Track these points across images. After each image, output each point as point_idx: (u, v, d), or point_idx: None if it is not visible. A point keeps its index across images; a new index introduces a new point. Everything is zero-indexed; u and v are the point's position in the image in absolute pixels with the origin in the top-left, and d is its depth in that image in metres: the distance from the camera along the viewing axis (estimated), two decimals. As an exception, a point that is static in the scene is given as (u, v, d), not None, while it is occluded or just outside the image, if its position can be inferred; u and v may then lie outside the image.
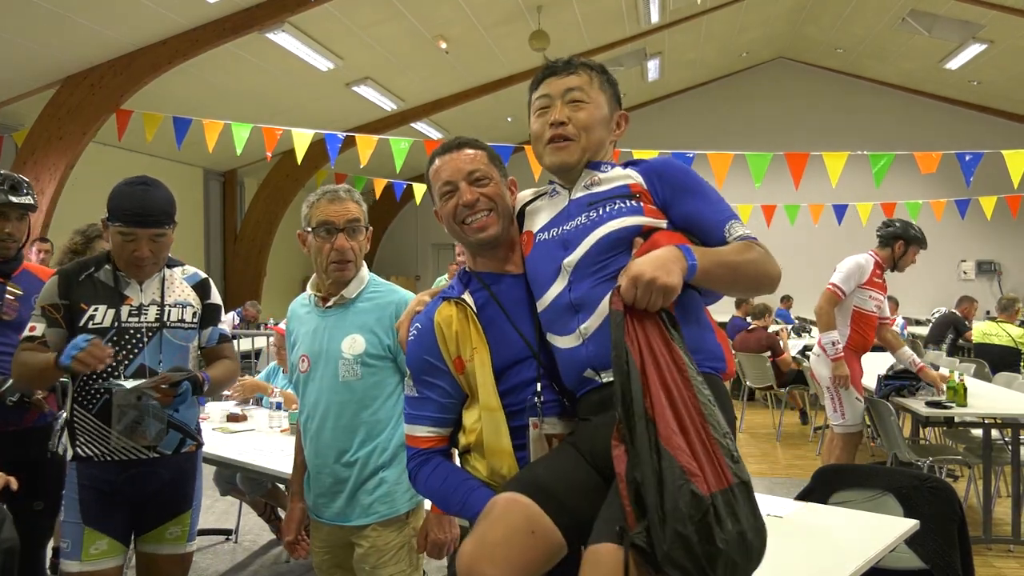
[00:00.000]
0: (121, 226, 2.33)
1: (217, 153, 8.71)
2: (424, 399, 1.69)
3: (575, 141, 1.65)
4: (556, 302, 1.61)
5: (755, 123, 15.51)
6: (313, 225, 2.31)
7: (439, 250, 18.10)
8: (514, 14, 9.65)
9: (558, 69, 1.69)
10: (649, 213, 1.59)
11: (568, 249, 1.61)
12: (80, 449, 2.36)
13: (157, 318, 2.42)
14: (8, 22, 6.92)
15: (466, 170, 1.69)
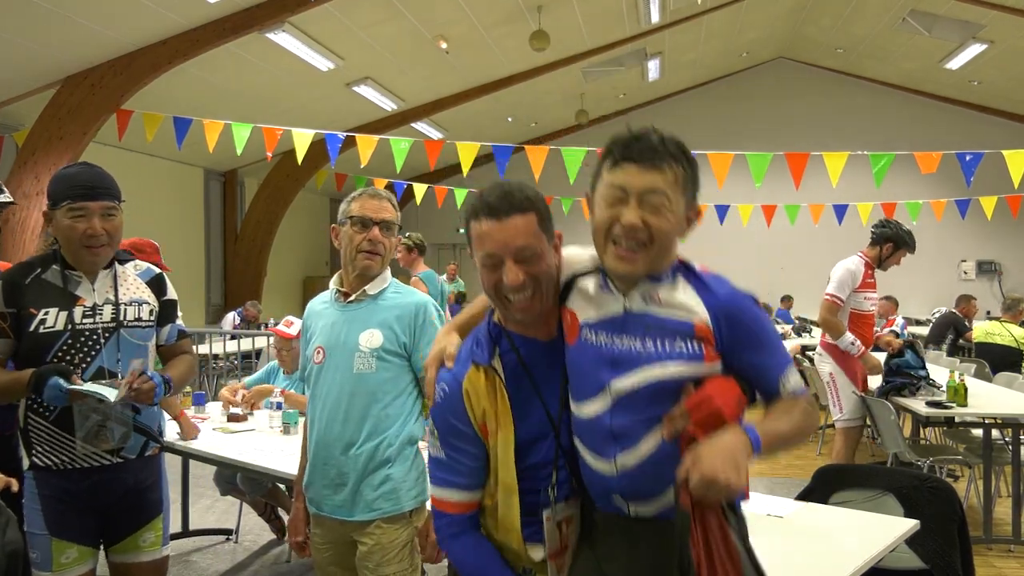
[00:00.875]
0: (70, 203, 2.24)
1: (217, 153, 8.71)
2: (453, 462, 1.62)
3: (646, 250, 1.46)
4: (595, 422, 1.53)
5: (755, 123, 15.51)
6: (351, 215, 2.36)
7: (439, 250, 18.10)
8: (514, 14, 9.65)
9: (643, 156, 1.46)
10: (709, 359, 1.48)
11: (616, 370, 1.50)
12: (38, 459, 2.27)
13: (113, 318, 2.33)
14: (8, 22, 6.92)
15: (514, 246, 1.53)
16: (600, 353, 1.53)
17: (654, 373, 1.47)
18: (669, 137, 1.51)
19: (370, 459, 2.30)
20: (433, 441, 1.64)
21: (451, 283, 13.11)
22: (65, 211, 2.26)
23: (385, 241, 2.36)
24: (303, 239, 15.98)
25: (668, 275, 1.54)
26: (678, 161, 1.47)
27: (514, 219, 1.54)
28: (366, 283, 2.38)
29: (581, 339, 1.57)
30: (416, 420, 2.38)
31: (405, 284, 2.50)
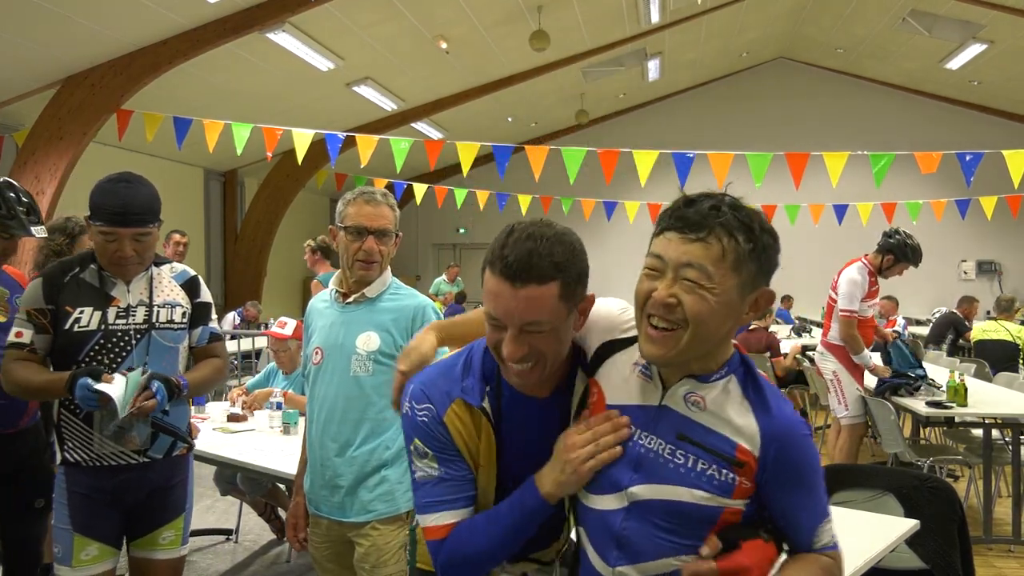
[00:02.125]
0: (102, 225, 2.26)
1: (217, 153, 8.71)
2: (453, 480, 1.45)
3: (678, 334, 1.28)
4: (603, 518, 1.38)
5: (755, 123, 15.51)
6: (346, 224, 2.33)
7: (439, 250, 18.11)
8: (514, 14, 9.64)
9: (687, 223, 1.27)
10: (739, 494, 1.31)
11: (637, 474, 1.35)
12: (68, 454, 2.32)
13: (145, 319, 2.36)
14: (9, 22, 6.92)
15: (522, 320, 1.33)
16: (624, 447, 1.37)
17: (678, 493, 1.31)
18: (732, 203, 1.28)
19: (366, 461, 2.30)
20: (426, 463, 1.46)
21: (451, 284, 13.12)
22: (98, 230, 2.29)
23: (381, 249, 2.34)
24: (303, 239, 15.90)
25: (721, 375, 1.35)
26: (733, 233, 1.25)
27: (530, 289, 1.32)
28: (365, 286, 2.38)
29: None
30: None
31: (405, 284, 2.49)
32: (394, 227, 2.38)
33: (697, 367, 1.34)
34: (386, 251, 2.35)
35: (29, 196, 2.84)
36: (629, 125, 16.30)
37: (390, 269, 2.45)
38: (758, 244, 1.27)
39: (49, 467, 3.07)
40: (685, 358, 1.31)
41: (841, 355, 5.10)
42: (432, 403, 1.45)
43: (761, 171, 7.67)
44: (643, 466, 1.35)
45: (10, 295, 2.89)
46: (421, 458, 1.46)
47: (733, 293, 1.26)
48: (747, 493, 1.31)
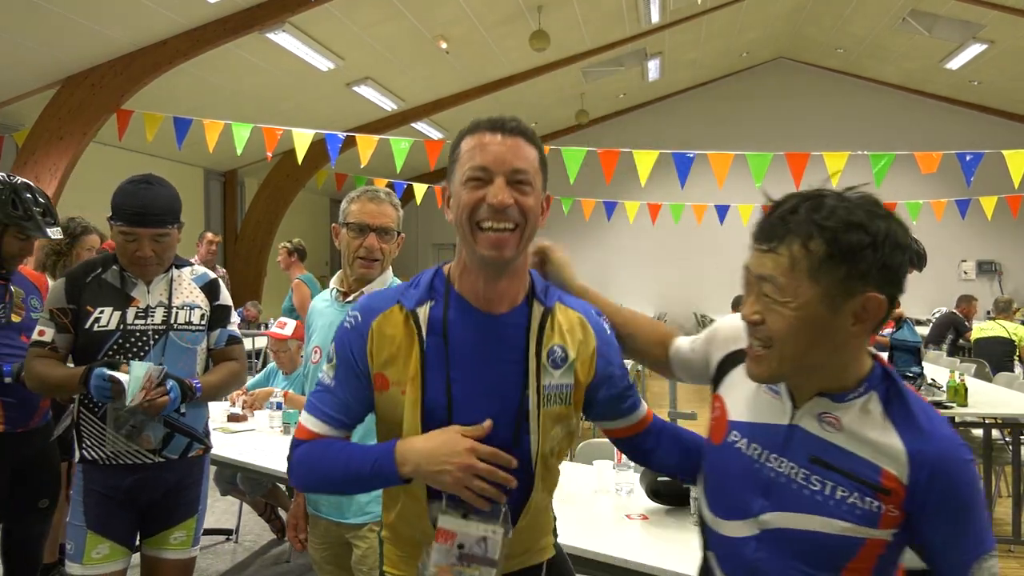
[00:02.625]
0: (123, 226, 2.31)
1: (217, 153, 8.71)
2: (338, 397, 1.42)
3: (771, 352, 1.21)
4: (735, 545, 1.30)
5: (755, 123, 15.51)
6: (348, 221, 2.34)
7: (439, 250, 18.11)
8: (514, 14, 9.65)
9: (761, 233, 1.21)
10: (885, 524, 1.18)
11: (768, 500, 1.25)
12: (87, 452, 2.35)
13: (164, 320, 2.39)
14: (9, 22, 6.92)
15: (511, 165, 1.34)
16: (750, 470, 1.28)
17: (814, 523, 1.20)
18: (815, 204, 1.17)
19: None
20: (327, 369, 1.45)
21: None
22: (118, 230, 2.33)
23: (383, 247, 2.33)
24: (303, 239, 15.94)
25: (859, 393, 1.22)
26: (805, 238, 1.15)
27: (517, 139, 1.36)
28: (365, 284, 2.37)
29: (728, 441, 1.32)
30: None
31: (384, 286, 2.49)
32: (396, 226, 2.38)
33: (828, 384, 1.23)
34: (387, 249, 2.34)
35: (46, 197, 2.85)
36: (629, 125, 16.30)
37: (391, 269, 2.44)
38: (839, 245, 1.13)
39: (57, 468, 3.09)
40: (784, 376, 1.23)
41: None
42: (363, 313, 1.43)
43: (761, 171, 7.66)
44: (773, 492, 1.24)
45: (25, 295, 2.90)
46: (327, 362, 1.45)
47: (815, 305, 1.15)
48: (895, 522, 1.18)
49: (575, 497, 2.77)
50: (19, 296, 2.88)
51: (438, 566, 1.34)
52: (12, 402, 2.76)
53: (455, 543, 1.34)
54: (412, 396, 1.38)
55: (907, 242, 1.20)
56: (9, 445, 2.79)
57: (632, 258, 16.76)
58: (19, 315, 2.84)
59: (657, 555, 2.21)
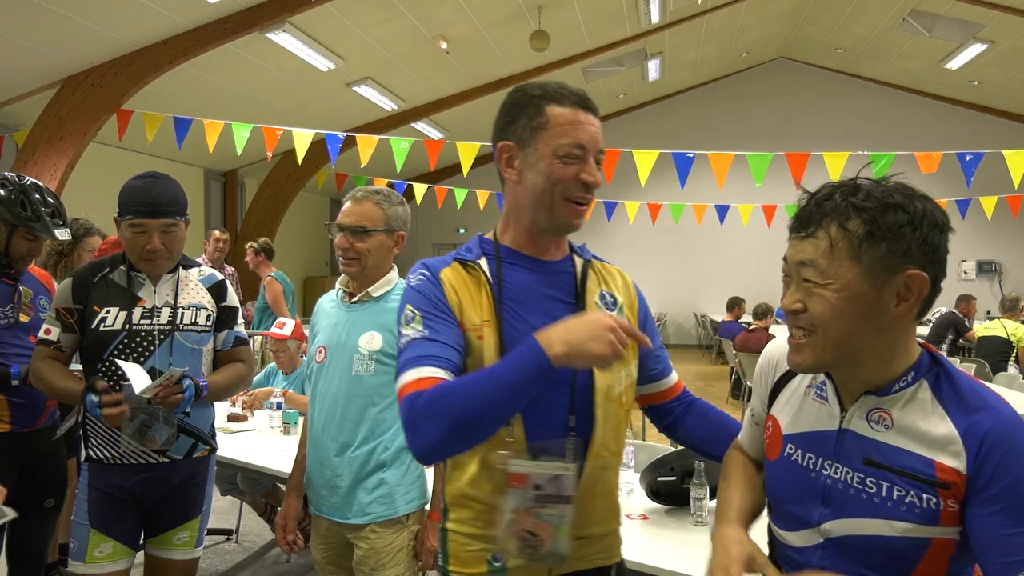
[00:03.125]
0: (132, 218, 2.32)
1: (218, 153, 8.72)
2: (442, 339, 1.36)
3: (813, 339, 1.19)
4: (803, 554, 1.28)
5: (755, 123, 15.52)
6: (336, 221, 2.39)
7: (439, 250, 18.10)
8: (514, 14, 9.65)
9: (799, 222, 1.21)
10: (947, 521, 1.13)
11: (828, 509, 1.23)
12: (92, 451, 2.36)
13: (169, 320, 2.39)
14: (9, 22, 6.92)
15: (599, 146, 1.44)
16: (807, 479, 1.26)
17: (876, 527, 1.17)
18: (851, 188, 1.19)
19: (365, 462, 2.30)
20: (413, 327, 1.39)
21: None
22: (127, 225, 2.34)
23: (357, 246, 2.31)
24: (304, 239, 15.98)
25: (905, 383, 1.20)
26: (843, 219, 1.15)
27: (596, 119, 1.45)
28: (368, 285, 2.37)
29: (784, 455, 1.31)
30: None
31: None
32: (378, 225, 2.34)
33: (875, 377, 1.20)
34: (363, 248, 2.31)
35: (55, 198, 2.86)
36: (629, 125, 16.31)
37: (396, 269, 2.44)
38: (878, 224, 1.13)
39: (64, 468, 3.09)
40: (827, 365, 1.22)
41: None
42: (428, 268, 1.47)
43: (761, 171, 7.67)
44: (832, 499, 1.22)
45: (34, 295, 2.91)
46: (408, 323, 1.40)
47: (858, 284, 1.14)
48: (954, 520, 1.14)
49: (575, 497, 2.76)
50: (28, 296, 2.88)
51: (516, 511, 1.35)
52: (20, 402, 2.76)
53: (530, 484, 1.35)
54: (491, 339, 1.40)
55: (945, 222, 1.23)
56: (16, 445, 2.80)
57: (632, 258, 16.74)
58: (28, 315, 2.85)
59: (657, 555, 2.21)
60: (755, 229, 12.28)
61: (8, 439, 2.76)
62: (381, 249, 2.36)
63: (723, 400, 9.45)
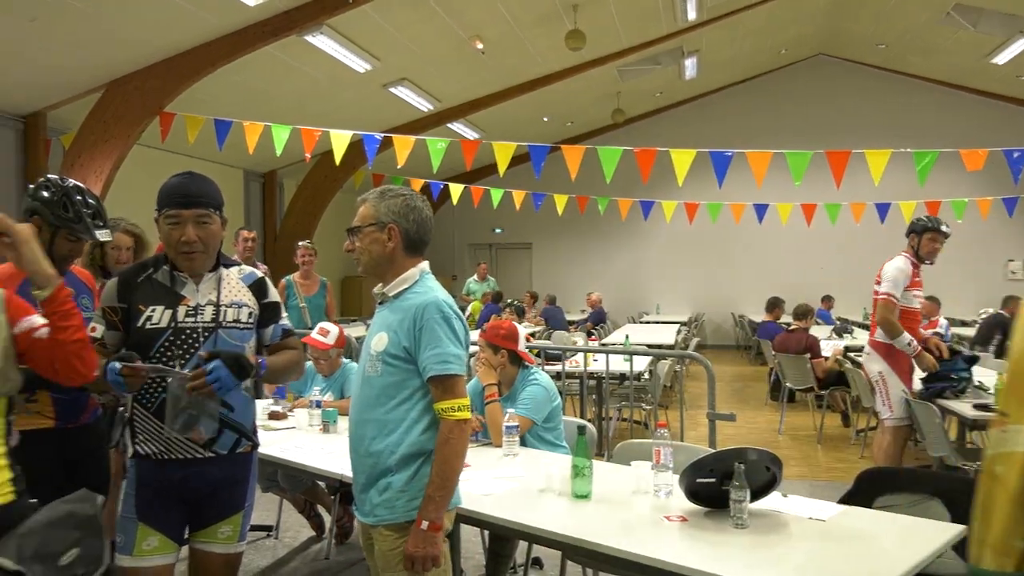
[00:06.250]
0: (167, 210, 2.37)
1: (257, 154, 8.83)
2: None
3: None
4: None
5: (795, 121, 15.33)
6: None
7: (475, 250, 18.15)
8: (550, 13, 9.63)
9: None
10: None
11: None
12: (139, 447, 2.41)
13: (213, 318, 2.43)
14: (55, 28, 7.08)
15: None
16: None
17: None
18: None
19: (375, 463, 2.33)
20: None
21: (481, 282, 13.14)
22: (164, 218, 2.39)
23: (355, 245, 2.48)
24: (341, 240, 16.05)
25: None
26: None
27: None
28: (386, 284, 2.42)
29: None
30: (426, 430, 2.30)
31: (434, 281, 2.48)
32: (371, 220, 2.45)
33: None
34: (359, 247, 2.46)
35: (96, 199, 2.91)
36: (666, 124, 16.20)
37: (417, 268, 2.44)
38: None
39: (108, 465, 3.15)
40: None
41: (888, 354, 5.06)
42: None
43: (800, 169, 7.57)
44: None
45: (76, 295, 2.96)
46: None
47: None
48: None
49: (613, 498, 2.75)
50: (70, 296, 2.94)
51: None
52: (63, 399, 2.82)
53: None
54: None
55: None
56: (60, 441, 2.85)
57: (669, 258, 16.65)
58: None
59: (697, 557, 2.19)
60: (794, 228, 12.13)
61: (52, 435, 2.82)
62: (376, 244, 2.43)
63: (762, 402, 9.34)
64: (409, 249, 2.43)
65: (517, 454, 3.38)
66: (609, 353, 6.29)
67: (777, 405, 8.44)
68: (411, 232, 2.42)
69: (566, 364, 6.58)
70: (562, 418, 3.75)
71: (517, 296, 14.84)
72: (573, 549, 2.45)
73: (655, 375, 6.97)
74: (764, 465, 2.54)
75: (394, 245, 2.41)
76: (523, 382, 3.70)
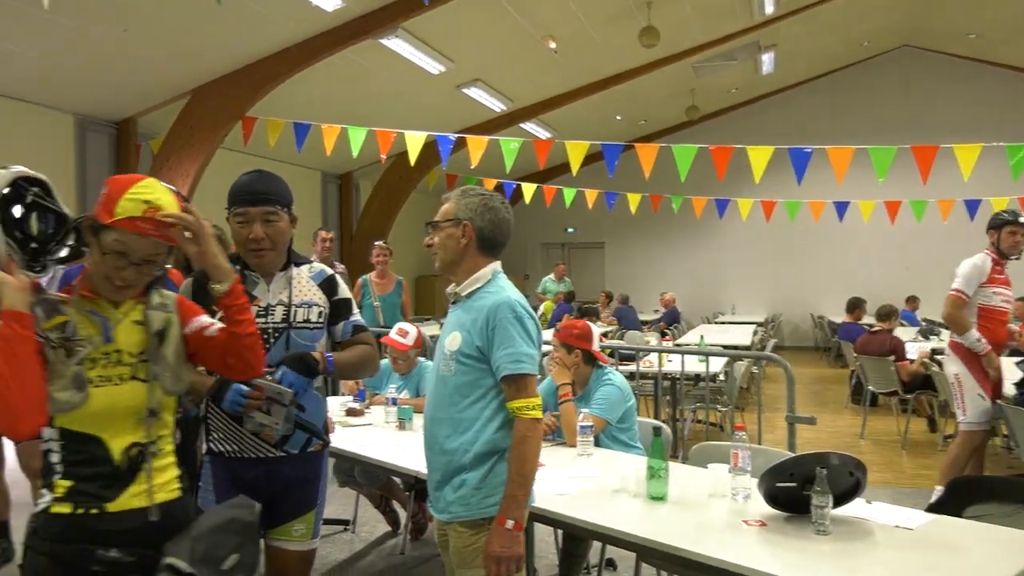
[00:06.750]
0: (235, 208, 2.41)
1: (334, 156, 9.01)
2: None
3: None
4: None
5: (878, 115, 14.85)
6: None
7: (547, 249, 18.15)
8: (623, 11, 9.56)
9: None
10: None
11: None
12: (213, 445, 2.47)
13: (284, 319, 2.46)
14: (144, 38, 7.38)
15: None
16: None
17: None
18: None
19: (449, 461, 2.34)
20: None
21: (558, 282, 13.12)
22: (232, 216, 2.44)
23: (432, 240, 2.47)
24: (416, 239, 16.33)
25: None
26: None
27: None
28: (459, 283, 2.42)
29: None
30: (499, 429, 2.30)
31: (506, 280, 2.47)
32: (447, 216, 2.44)
33: None
34: (436, 242, 2.45)
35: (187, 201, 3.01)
36: (741, 120, 15.88)
37: (489, 268, 2.43)
38: None
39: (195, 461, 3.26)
40: None
41: (966, 356, 4.87)
42: None
43: (884, 166, 7.31)
44: None
45: None
46: None
47: None
48: None
49: (690, 501, 2.72)
50: None
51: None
52: None
53: None
54: None
55: None
56: None
57: (745, 257, 16.32)
58: None
59: (777, 564, 2.14)
60: (876, 226, 11.75)
61: None
62: (451, 240, 2.42)
63: (843, 405, 9.07)
64: (483, 248, 2.43)
65: (591, 454, 3.37)
66: (685, 354, 6.21)
67: (858, 409, 8.18)
68: (485, 231, 2.41)
69: (640, 364, 6.52)
70: (636, 419, 3.72)
71: (590, 296, 14.78)
72: (648, 551, 2.43)
73: (731, 376, 6.85)
74: (847, 470, 2.46)
75: (467, 242, 2.41)
76: (597, 382, 3.69)
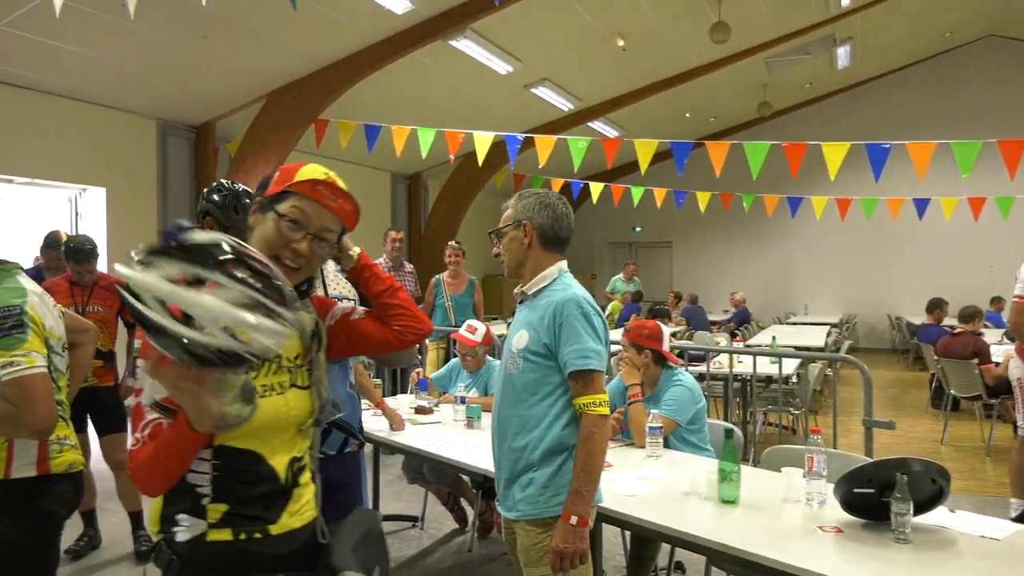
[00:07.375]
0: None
1: (404, 157, 9.13)
2: None
3: None
4: None
5: (961, 108, 14.28)
6: None
7: (615, 248, 18.03)
8: (693, 6, 9.42)
9: None
10: None
11: None
12: None
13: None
14: (221, 43, 7.61)
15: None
16: None
17: None
18: None
19: (517, 459, 2.35)
20: None
21: (627, 282, 13.02)
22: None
23: (499, 247, 2.53)
24: (483, 239, 16.42)
25: None
26: None
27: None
28: (526, 283, 2.45)
29: None
30: (566, 426, 2.30)
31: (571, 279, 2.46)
32: (510, 221, 2.49)
33: None
34: (502, 248, 2.51)
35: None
36: (815, 116, 15.48)
37: (556, 266, 2.45)
38: None
39: None
40: None
41: None
42: None
43: (969, 161, 7.03)
44: None
45: None
46: None
47: None
48: None
49: (762, 505, 2.66)
50: None
51: None
52: None
53: None
54: None
55: None
56: None
57: (818, 256, 15.91)
58: None
59: (857, 572, 2.08)
60: (958, 224, 11.32)
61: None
62: (514, 243, 2.46)
63: (922, 409, 8.75)
64: (546, 245, 2.45)
65: (660, 455, 3.34)
66: (756, 355, 6.08)
67: (939, 414, 7.88)
68: (545, 227, 2.43)
69: (710, 365, 6.42)
70: (706, 420, 3.66)
71: (656, 296, 14.62)
72: (719, 555, 2.39)
73: (804, 378, 6.68)
74: (930, 477, 2.38)
75: (530, 241, 2.44)
76: (667, 383, 3.65)
